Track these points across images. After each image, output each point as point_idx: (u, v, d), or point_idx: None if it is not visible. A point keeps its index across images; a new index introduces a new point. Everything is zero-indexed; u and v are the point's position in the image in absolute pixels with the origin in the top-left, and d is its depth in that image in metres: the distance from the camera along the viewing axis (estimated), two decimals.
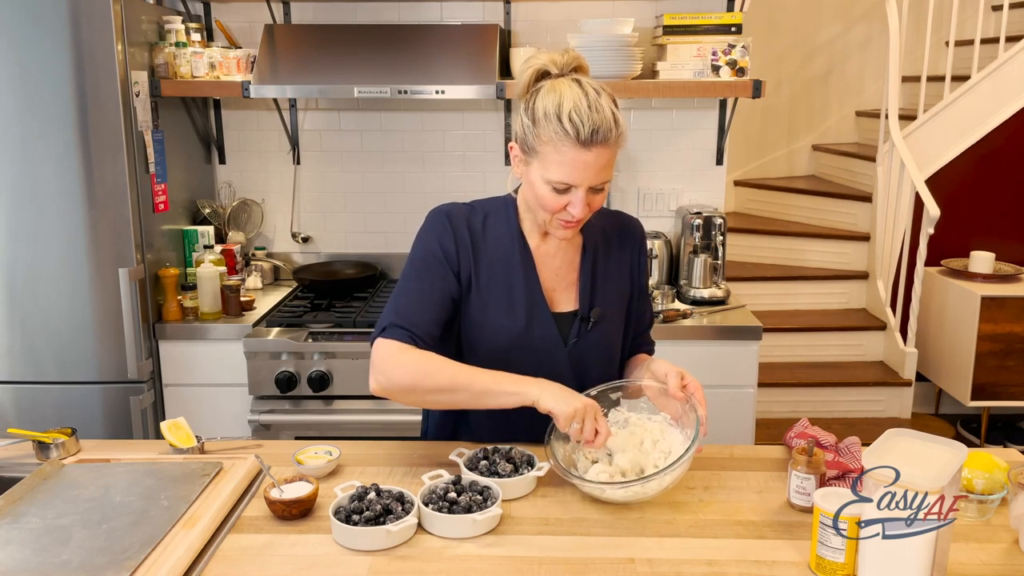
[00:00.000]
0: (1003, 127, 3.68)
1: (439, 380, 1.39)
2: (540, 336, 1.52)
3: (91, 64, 2.32)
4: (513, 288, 1.51)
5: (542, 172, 1.39)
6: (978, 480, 1.34)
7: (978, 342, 3.37)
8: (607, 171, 1.39)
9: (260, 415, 2.44)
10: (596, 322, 1.55)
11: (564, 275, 1.57)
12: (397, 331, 1.42)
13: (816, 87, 4.63)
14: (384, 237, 3.07)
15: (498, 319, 1.51)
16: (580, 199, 1.39)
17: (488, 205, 1.57)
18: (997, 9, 3.95)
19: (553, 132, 1.35)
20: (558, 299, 1.56)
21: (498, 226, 1.54)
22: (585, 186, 1.38)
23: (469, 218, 1.52)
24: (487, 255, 1.51)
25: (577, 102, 1.35)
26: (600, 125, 1.34)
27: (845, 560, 1.16)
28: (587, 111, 1.34)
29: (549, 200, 1.40)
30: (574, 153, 1.35)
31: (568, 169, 1.36)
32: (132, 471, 1.44)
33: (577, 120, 1.34)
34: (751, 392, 2.55)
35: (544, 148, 1.37)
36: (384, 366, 1.40)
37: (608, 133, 1.36)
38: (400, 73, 2.60)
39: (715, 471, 1.50)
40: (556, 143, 1.36)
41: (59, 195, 2.37)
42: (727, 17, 2.64)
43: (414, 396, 1.43)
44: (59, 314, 2.43)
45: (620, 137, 1.38)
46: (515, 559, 1.23)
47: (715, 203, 3.00)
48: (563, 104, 1.35)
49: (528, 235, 1.54)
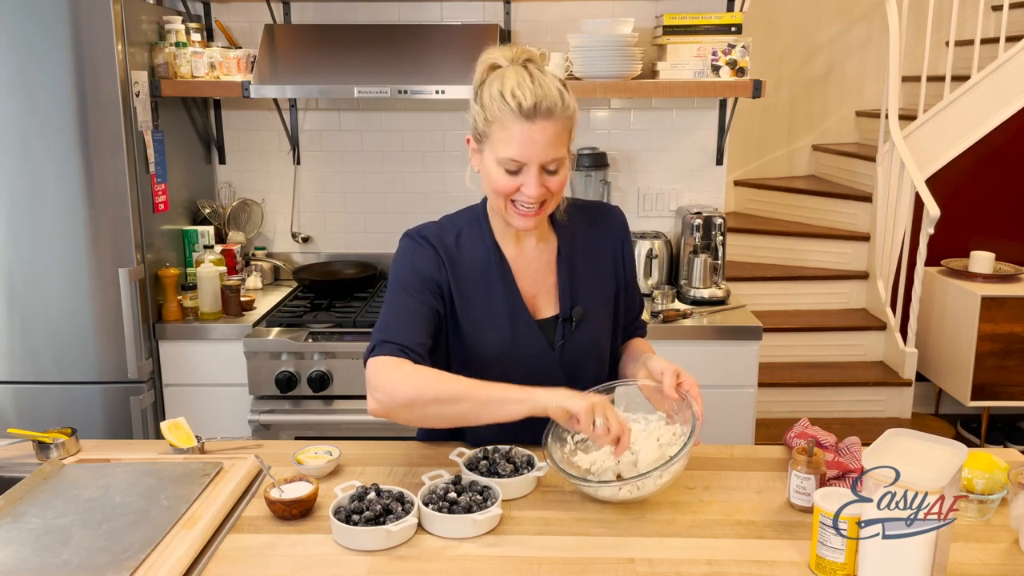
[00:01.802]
0: (1003, 127, 3.68)
1: (440, 391, 1.35)
2: (526, 344, 1.51)
3: (91, 64, 2.32)
4: (493, 300, 1.50)
5: (493, 154, 1.40)
6: (978, 480, 1.34)
7: (978, 342, 3.37)
8: (556, 147, 1.38)
9: (260, 415, 2.44)
10: (580, 322, 1.54)
11: (542, 280, 1.55)
12: (387, 347, 1.40)
13: (816, 87, 4.63)
14: (384, 237, 3.06)
15: (482, 333, 1.50)
16: (533, 178, 1.38)
17: (458, 220, 1.56)
18: (997, 9, 3.95)
19: (498, 110, 1.37)
20: (540, 305, 1.55)
21: (472, 240, 1.53)
22: (535, 163, 1.38)
23: (441, 237, 1.51)
24: (464, 272, 1.50)
25: (520, 80, 1.37)
26: (543, 99, 1.35)
27: (845, 560, 1.16)
28: (529, 86, 1.36)
29: (502, 183, 1.40)
30: (519, 127, 1.36)
31: (516, 144, 1.37)
32: (132, 471, 1.44)
33: (520, 95, 1.35)
34: (751, 392, 2.55)
35: (491, 129, 1.39)
36: (380, 382, 1.37)
37: (553, 106, 1.36)
38: (400, 73, 2.60)
39: (715, 471, 1.50)
40: (501, 120, 1.37)
41: (59, 195, 2.37)
42: (727, 17, 2.65)
43: (415, 411, 1.37)
44: (59, 314, 2.44)
45: (566, 111, 1.38)
46: (515, 559, 1.23)
47: (715, 203, 3.00)
48: (506, 83, 1.37)
49: (502, 244, 1.53)
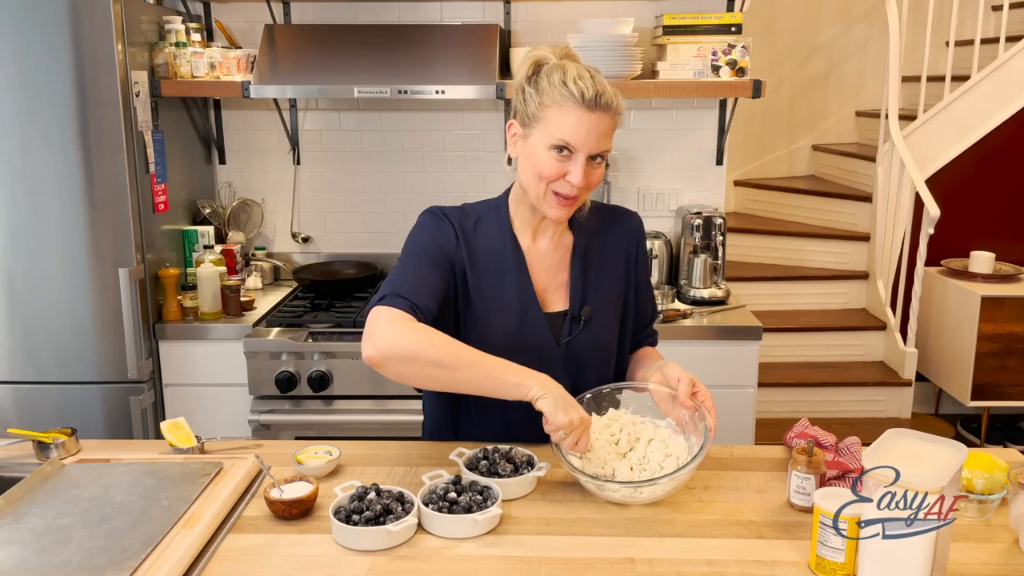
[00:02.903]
0: (1003, 127, 3.68)
1: (444, 354, 1.34)
2: (532, 336, 1.52)
3: (91, 64, 2.32)
4: (505, 288, 1.52)
5: (544, 137, 1.41)
6: (978, 480, 1.34)
7: (978, 342, 3.37)
8: (606, 140, 1.42)
9: (260, 415, 2.44)
10: (588, 321, 1.55)
11: (555, 275, 1.57)
12: (398, 300, 1.38)
13: (816, 87, 4.63)
14: (384, 237, 3.07)
15: (490, 319, 1.51)
16: (580, 166, 1.40)
17: (479, 208, 1.57)
18: (997, 9, 3.95)
19: (559, 95, 1.40)
20: (550, 299, 1.56)
21: (490, 228, 1.54)
22: (586, 151, 1.40)
23: (461, 220, 1.53)
24: (479, 256, 1.51)
25: (580, 72, 1.42)
26: (603, 91, 1.40)
27: (845, 560, 1.16)
28: (590, 79, 1.41)
29: (549, 167, 1.41)
30: (579, 113, 1.39)
31: (572, 129, 1.39)
32: (132, 471, 1.44)
33: (582, 84, 1.39)
34: (751, 392, 2.55)
35: (547, 112, 1.41)
36: (383, 330, 1.33)
37: (611, 101, 1.41)
38: (400, 73, 2.60)
39: (715, 471, 1.50)
40: (560, 104, 1.40)
41: (59, 195, 2.37)
42: (727, 17, 2.65)
43: (413, 367, 1.34)
44: (59, 314, 2.44)
45: (619, 109, 1.44)
46: (515, 559, 1.23)
47: (715, 203, 3.00)
48: (568, 72, 1.41)
49: (519, 235, 1.55)
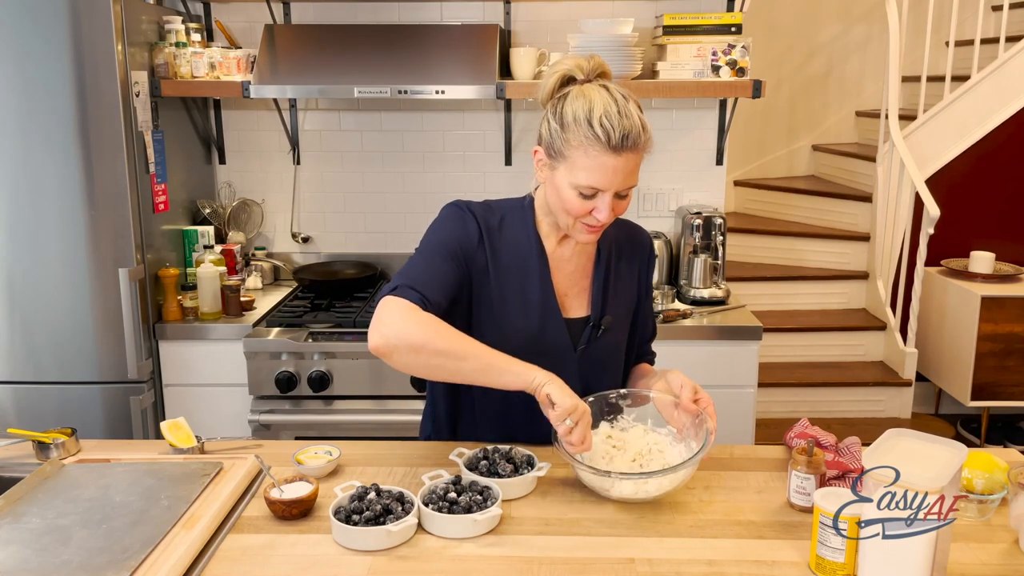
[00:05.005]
0: (1003, 127, 3.68)
1: (450, 344, 1.34)
2: (551, 340, 1.52)
3: (91, 64, 2.32)
4: (528, 290, 1.51)
5: (569, 177, 1.39)
6: (978, 480, 1.34)
7: (978, 342, 3.37)
8: (633, 176, 1.40)
9: (260, 415, 2.44)
10: (607, 329, 1.56)
11: (577, 280, 1.57)
12: (409, 292, 1.39)
13: (816, 87, 4.63)
14: (384, 237, 3.07)
15: (511, 320, 1.50)
16: (606, 204, 1.39)
17: (504, 206, 1.56)
18: (997, 9, 3.95)
19: (584, 137, 1.35)
20: (569, 304, 1.56)
21: (514, 227, 1.53)
22: (612, 191, 1.38)
23: (486, 216, 1.52)
24: (503, 255, 1.51)
25: (607, 107, 1.35)
26: (630, 131, 1.35)
27: (845, 560, 1.16)
28: (617, 116, 1.35)
29: (575, 205, 1.40)
30: (604, 158, 1.35)
31: (597, 174, 1.36)
32: (132, 471, 1.44)
33: (608, 125, 1.34)
34: (751, 392, 2.55)
35: (573, 153, 1.37)
36: (392, 320, 1.34)
37: (637, 138, 1.36)
38: (400, 73, 2.60)
39: (715, 471, 1.50)
40: (586, 147, 1.36)
41: (59, 195, 2.37)
42: (727, 17, 2.65)
43: (419, 357, 1.35)
44: (59, 314, 2.44)
45: (648, 142, 1.39)
46: (515, 559, 1.23)
47: (715, 203, 3.00)
48: (593, 109, 1.35)
49: (545, 238, 1.54)
